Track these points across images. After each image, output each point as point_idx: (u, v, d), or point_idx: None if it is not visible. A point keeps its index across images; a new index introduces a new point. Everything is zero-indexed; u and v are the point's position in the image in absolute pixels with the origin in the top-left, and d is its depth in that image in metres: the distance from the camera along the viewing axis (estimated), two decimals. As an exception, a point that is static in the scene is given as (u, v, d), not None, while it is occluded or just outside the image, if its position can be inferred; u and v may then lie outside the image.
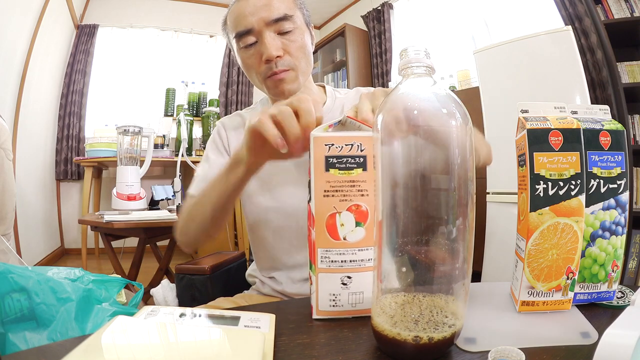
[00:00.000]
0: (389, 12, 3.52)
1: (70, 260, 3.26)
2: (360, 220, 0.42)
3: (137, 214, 1.95)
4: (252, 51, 0.69)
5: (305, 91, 0.76)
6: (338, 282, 0.43)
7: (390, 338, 0.34)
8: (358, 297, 0.43)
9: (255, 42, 0.69)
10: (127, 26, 3.77)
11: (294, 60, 0.69)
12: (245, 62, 0.72)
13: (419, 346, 0.33)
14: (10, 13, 2.36)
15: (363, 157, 0.42)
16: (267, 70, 0.69)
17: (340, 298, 0.43)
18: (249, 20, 0.67)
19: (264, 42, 0.67)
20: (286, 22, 0.68)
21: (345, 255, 0.43)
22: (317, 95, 0.80)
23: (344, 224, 0.42)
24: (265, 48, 0.67)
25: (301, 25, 0.71)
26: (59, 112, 3.43)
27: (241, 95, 4.05)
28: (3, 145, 1.08)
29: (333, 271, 0.43)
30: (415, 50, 0.38)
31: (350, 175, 0.42)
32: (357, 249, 0.42)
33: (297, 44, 0.69)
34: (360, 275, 0.42)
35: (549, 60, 1.82)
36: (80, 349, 0.30)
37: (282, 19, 0.67)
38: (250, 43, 0.69)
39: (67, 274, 0.56)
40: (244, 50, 0.70)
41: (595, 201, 0.44)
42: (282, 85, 0.70)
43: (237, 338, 0.35)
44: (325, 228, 0.43)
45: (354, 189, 0.42)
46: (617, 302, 0.46)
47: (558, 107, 0.46)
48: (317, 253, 0.43)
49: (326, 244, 0.43)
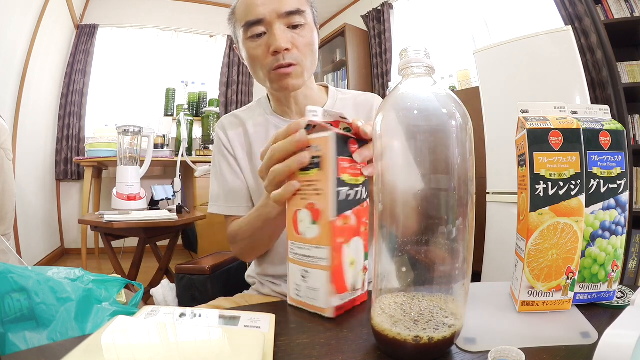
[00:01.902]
0: (389, 12, 3.52)
1: (70, 260, 3.26)
2: (315, 219, 0.43)
3: (137, 214, 1.95)
4: (259, 42, 0.68)
5: (307, 90, 0.76)
6: (299, 274, 0.45)
7: (391, 338, 0.34)
8: (314, 294, 0.44)
9: (264, 33, 0.68)
10: (127, 26, 3.77)
11: (301, 56, 0.69)
12: (250, 54, 0.70)
13: (419, 346, 0.33)
14: (10, 13, 2.36)
15: (319, 157, 0.42)
16: (273, 62, 0.68)
17: (301, 289, 0.45)
18: (260, 10, 0.66)
19: (274, 33, 0.66)
20: (297, 17, 0.68)
21: (303, 250, 0.44)
22: (317, 95, 0.79)
23: (302, 220, 0.44)
24: (275, 39, 0.66)
25: (311, 23, 0.71)
26: (59, 112, 3.43)
27: (241, 95, 4.05)
28: (3, 145, 1.08)
29: (296, 263, 0.45)
30: (415, 50, 0.38)
31: (308, 176, 0.43)
32: (312, 245, 0.43)
33: (306, 39, 0.69)
34: (315, 272, 0.43)
35: (549, 60, 1.82)
36: (80, 349, 0.30)
37: (294, 12, 0.67)
38: (258, 33, 0.68)
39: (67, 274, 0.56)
40: (251, 40, 0.69)
41: (595, 201, 0.44)
42: (287, 80, 0.69)
43: (237, 338, 0.35)
44: (292, 222, 0.45)
45: (311, 188, 0.43)
46: (617, 302, 0.46)
47: (558, 107, 0.46)
48: (288, 243, 0.46)
49: (292, 237, 0.45)
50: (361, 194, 0.42)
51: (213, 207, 0.79)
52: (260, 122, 0.79)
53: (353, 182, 0.41)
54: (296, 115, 0.77)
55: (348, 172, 0.41)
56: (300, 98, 0.75)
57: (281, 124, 0.77)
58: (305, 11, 0.69)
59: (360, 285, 0.44)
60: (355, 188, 0.41)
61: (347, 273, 0.42)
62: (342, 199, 0.41)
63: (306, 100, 0.76)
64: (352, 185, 0.41)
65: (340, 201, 0.41)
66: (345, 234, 0.42)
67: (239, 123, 0.81)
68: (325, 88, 0.83)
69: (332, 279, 0.41)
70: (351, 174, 0.41)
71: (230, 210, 0.78)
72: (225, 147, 0.80)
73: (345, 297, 0.43)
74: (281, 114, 0.78)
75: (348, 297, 0.43)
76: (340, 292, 0.42)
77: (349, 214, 0.42)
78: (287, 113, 0.77)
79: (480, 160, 2.05)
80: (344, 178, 0.41)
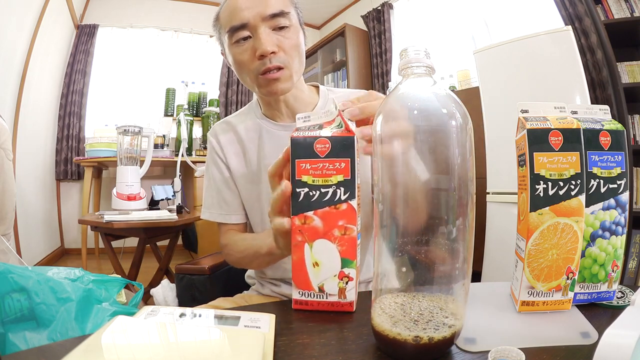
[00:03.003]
0: (389, 12, 3.52)
1: (70, 260, 3.26)
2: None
3: (137, 214, 1.95)
4: (245, 46, 0.68)
5: (297, 92, 0.74)
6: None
7: (391, 338, 0.34)
8: None
9: (249, 37, 0.67)
10: (127, 26, 3.77)
11: (288, 58, 0.68)
12: (236, 59, 0.70)
13: (419, 346, 0.33)
14: (10, 13, 2.36)
15: None
16: (260, 66, 0.67)
17: None
18: (244, 14, 0.66)
19: (259, 36, 0.65)
20: (282, 19, 0.67)
21: None
22: (308, 96, 0.78)
23: None
24: (260, 43, 0.65)
25: (296, 24, 0.70)
26: (59, 112, 3.43)
27: (241, 95, 4.05)
28: (3, 145, 1.08)
29: None
30: (415, 50, 0.38)
31: None
32: None
33: (291, 41, 0.68)
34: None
35: (549, 60, 1.82)
36: (80, 349, 0.30)
37: (278, 14, 0.66)
38: (243, 37, 0.67)
39: (67, 274, 0.56)
40: (236, 45, 0.68)
41: (595, 201, 0.44)
42: (276, 85, 0.68)
43: (237, 338, 0.35)
44: None
45: None
46: (617, 302, 0.46)
47: (558, 107, 0.46)
48: None
49: None
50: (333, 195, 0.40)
51: (206, 213, 0.80)
52: (251, 126, 0.78)
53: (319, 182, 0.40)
54: (287, 118, 0.76)
55: (310, 174, 0.40)
56: (290, 100, 0.74)
57: (272, 127, 0.76)
58: (290, 12, 0.68)
59: (336, 292, 0.42)
60: (321, 189, 0.40)
61: (310, 273, 0.42)
62: (301, 199, 0.41)
63: (296, 102, 0.75)
64: (315, 187, 0.40)
65: (300, 201, 0.41)
66: (305, 233, 0.42)
67: (230, 129, 0.80)
68: (315, 88, 0.81)
69: (293, 273, 0.42)
70: (314, 175, 0.40)
71: (223, 218, 0.78)
72: (218, 155, 0.79)
73: (307, 295, 0.43)
74: (271, 117, 0.77)
75: (314, 296, 0.43)
76: (300, 288, 0.43)
77: (309, 215, 0.41)
78: (278, 116, 0.76)
79: (480, 160, 2.05)
80: (303, 179, 0.40)
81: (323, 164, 0.40)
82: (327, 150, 0.39)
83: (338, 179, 0.40)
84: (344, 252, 0.41)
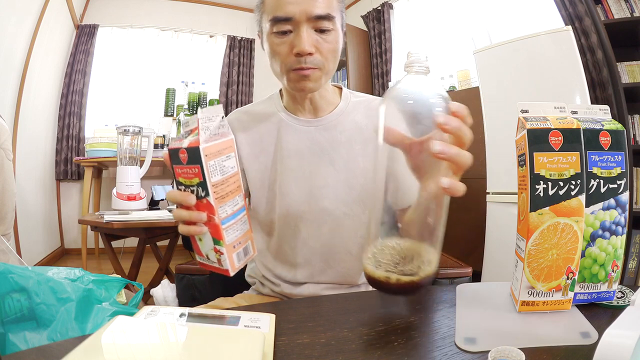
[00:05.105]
0: (389, 12, 3.52)
1: (70, 260, 3.26)
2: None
3: (137, 214, 1.95)
4: (284, 39, 0.67)
5: (323, 91, 0.75)
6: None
7: (376, 278, 0.44)
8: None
9: (290, 31, 0.67)
10: (127, 26, 3.77)
11: (324, 61, 0.68)
12: (273, 49, 0.69)
13: (400, 284, 0.42)
14: (10, 13, 2.37)
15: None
16: (295, 63, 0.67)
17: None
18: (291, 8, 0.65)
19: (300, 35, 0.65)
20: (326, 22, 0.67)
21: None
22: (331, 96, 0.78)
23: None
24: (300, 42, 0.65)
25: (338, 29, 0.70)
26: (59, 112, 3.43)
27: (241, 95, 4.05)
28: (3, 145, 1.08)
29: None
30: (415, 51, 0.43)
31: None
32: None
33: (331, 45, 0.68)
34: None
35: (549, 60, 1.82)
36: (80, 349, 0.30)
37: (323, 17, 0.66)
38: (284, 30, 0.67)
39: (67, 274, 0.56)
40: (276, 36, 0.68)
41: (595, 201, 0.44)
42: (305, 83, 0.68)
43: (237, 338, 0.35)
44: None
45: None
46: (617, 302, 0.46)
47: (558, 107, 0.46)
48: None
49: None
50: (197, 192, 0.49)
51: None
52: (270, 118, 0.78)
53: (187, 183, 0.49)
54: (308, 113, 0.76)
55: (182, 176, 0.49)
56: (316, 98, 0.75)
57: (292, 121, 0.76)
58: (335, 17, 0.68)
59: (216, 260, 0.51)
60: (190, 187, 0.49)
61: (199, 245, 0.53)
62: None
63: (321, 100, 0.76)
64: (186, 185, 0.49)
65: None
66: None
67: (248, 119, 0.80)
68: (339, 89, 0.81)
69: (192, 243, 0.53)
70: (184, 177, 0.49)
71: None
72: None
73: (203, 260, 0.53)
74: (293, 111, 0.77)
75: (204, 261, 0.53)
76: (198, 254, 0.54)
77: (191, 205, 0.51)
78: (300, 110, 0.76)
79: (480, 160, 2.05)
80: (180, 180, 0.50)
81: (186, 169, 0.48)
82: (186, 159, 0.48)
83: (196, 181, 0.48)
84: (212, 234, 0.50)
